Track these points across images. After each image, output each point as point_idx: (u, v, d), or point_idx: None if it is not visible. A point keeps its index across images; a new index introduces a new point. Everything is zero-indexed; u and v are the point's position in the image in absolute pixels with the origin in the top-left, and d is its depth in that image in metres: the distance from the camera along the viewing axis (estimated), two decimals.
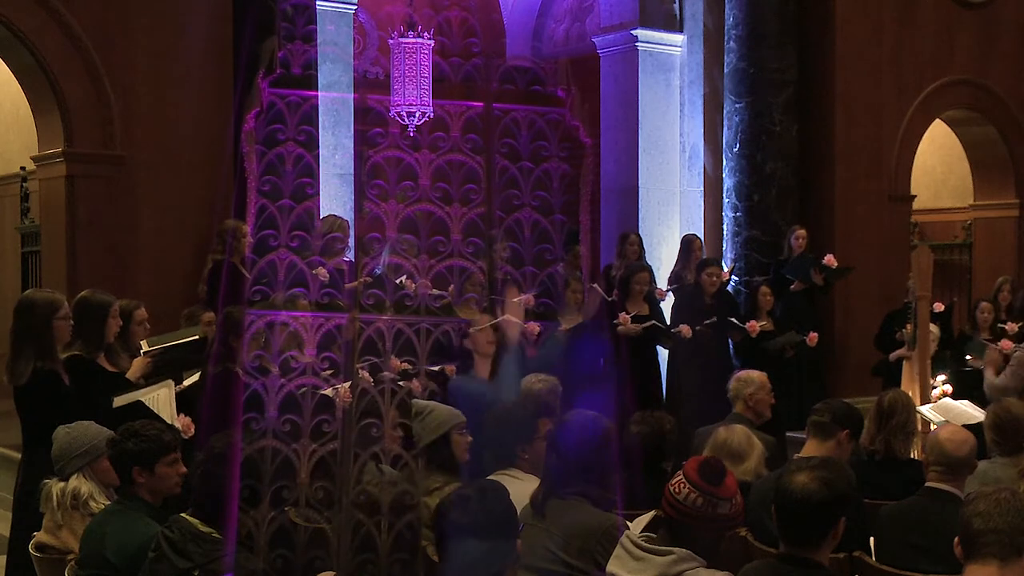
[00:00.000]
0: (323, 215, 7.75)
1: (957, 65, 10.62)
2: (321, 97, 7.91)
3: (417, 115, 8.34)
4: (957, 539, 2.91)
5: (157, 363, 5.50)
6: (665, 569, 3.05)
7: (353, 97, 8.33)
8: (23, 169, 10.28)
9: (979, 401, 6.65)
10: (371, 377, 6.14)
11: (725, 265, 9.09)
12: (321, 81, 7.92)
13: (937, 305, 8.19)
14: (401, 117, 8.47)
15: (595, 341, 7.57)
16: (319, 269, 6.42)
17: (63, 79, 7.50)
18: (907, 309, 7.73)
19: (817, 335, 8.53)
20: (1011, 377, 7.40)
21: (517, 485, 3.74)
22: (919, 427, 5.98)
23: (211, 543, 3.35)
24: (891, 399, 5.04)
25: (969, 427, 4.71)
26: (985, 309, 8.62)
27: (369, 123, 8.74)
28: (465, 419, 4.57)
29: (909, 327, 7.29)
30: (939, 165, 12.62)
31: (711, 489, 3.08)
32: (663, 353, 8.59)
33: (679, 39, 9.94)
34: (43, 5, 7.41)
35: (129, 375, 5.38)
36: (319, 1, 8.08)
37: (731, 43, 9.57)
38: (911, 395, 6.25)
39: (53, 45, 7.46)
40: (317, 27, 7.91)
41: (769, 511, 3.12)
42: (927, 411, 6.57)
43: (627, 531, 3.28)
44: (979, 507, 2.87)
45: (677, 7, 9.94)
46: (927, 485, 4.19)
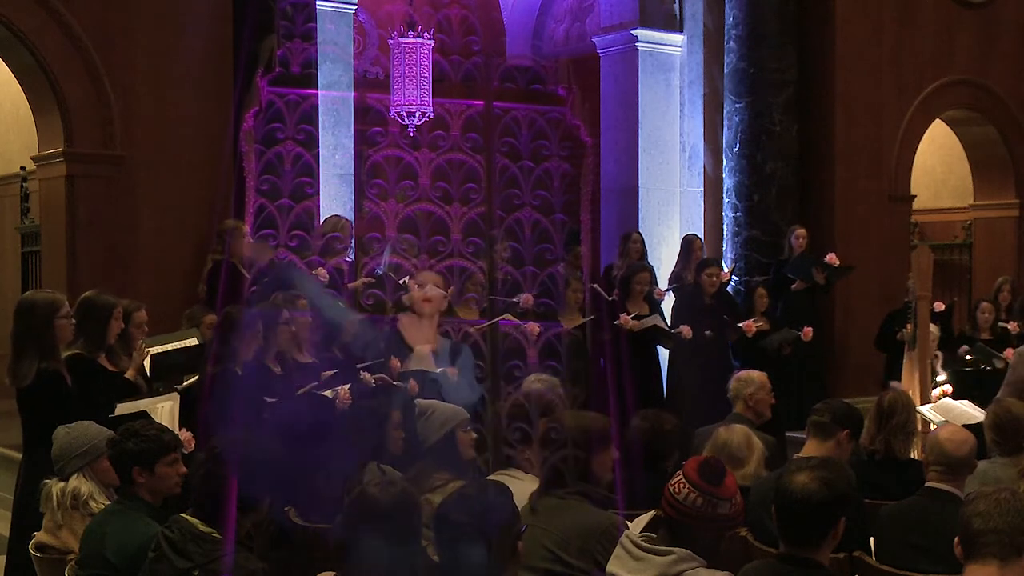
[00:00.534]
0: (324, 215, 7.74)
1: (957, 65, 10.61)
2: (321, 97, 7.89)
3: (417, 115, 8.33)
4: (957, 539, 2.91)
5: (157, 365, 5.50)
6: (665, 569, 3.05)
7: (353, 96, 8.32)
8: (23, 169, 10.27)
9: (979, 401, 6.64)
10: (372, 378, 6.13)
11: (725, 265, 9.09)
12: (321, 81, 7.91)
13: (937, 305, 8.18)
14: (401, 117, 8.46)
15: None
16: (319, 269, 6.42)
17: (63, 79, 7.50)
18: (907, 309, 7.73)
19: (811, 329, 8.54)
20: (1010, 377, 7.36)
21: (517, 485, 3.74)
22: (919, 427, 5.98)
23: (211, 543, 3.35)
24: (891, 399, 5.04)
25: (969, 427, 4.71)
26: (986, 309, 8.62)
27: (369, 123, 8.76)
28: (468, 416, 4.58)
29: (909, 327, 7.28)
30: (939, 165, 12.62)
31: (711, 489, 3.08)
32: (663, 353, 8.59)
33: (679, 39, 9.94)
34: (43, 5, 7.40)
35: (128, 374, 5.39)
36: (319, 1, 8.07)
37: (731, 43, 9.56)
38: (911, 395, 6.25)
39: (53, 45, 7.46)
40: (317, 27, 7.90)
41: (769, 511, 3.12)
42: (927, 411, 6.57)
43: (627, 531, 3.28)
44: (979, 507, 2.87)
45: (677, 7, 9.93)
46: (927, 485, 4.19)
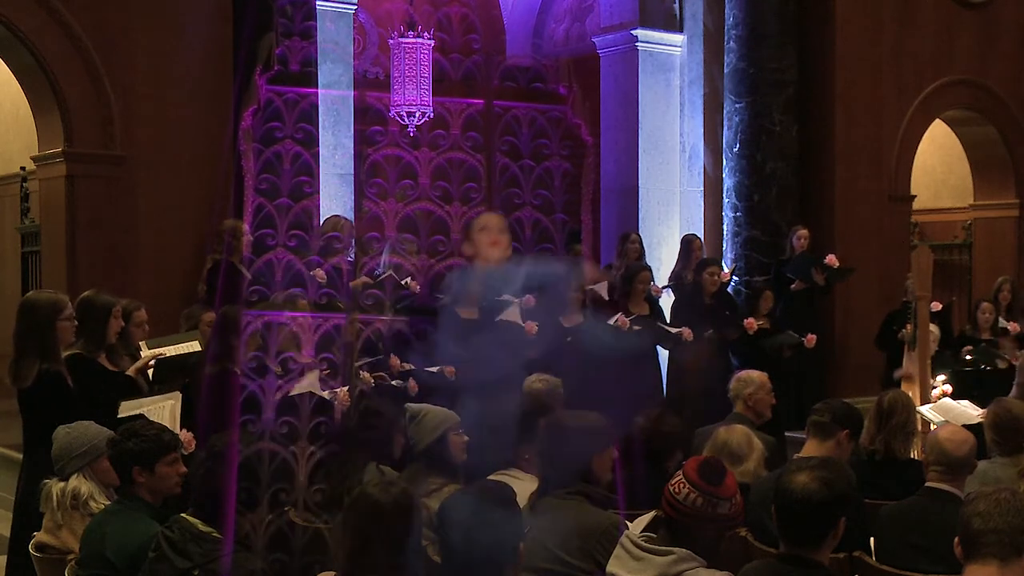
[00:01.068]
0: (324, 215, 7.73)
1: (957, 65, 10.61)
2: (321, 97, 7.89)
3: (417, 115, 8.33)
4: (957, 539, 2.91)
5: (159, 367, 5.50)
6: (665, 569, 3.05)
7: (353, 95, 8.31)
8: (23, 169, 10.27)
9: (979, 401, 6.63)
10: (371, 377, 6.10)
11: (725, 266, 9.08)
12: (321, 81, 7.91)
13: (934, 304, 8.17)
14: (401, 117, 8.46)
15: None
16: (316, 270, 6.41)
17: (63, 79, 7.50)
18: (906, 309, 7.72)
19: (815, 337, 8.47)
20: (1020, 378, 7.29)
21: (517, 485, 3.74)
22: (919, 427, 5.97)
23: (211, 543, 3.35)
24: (891, 399, 5.04)
25: (969, 427, 4.71)
26: (986, 310, 8.60)
27: (369, 123, 8.74)
28: (459, 419, 4.57)
29: (909, 327, 7.27)
30: (939, 165, 12.61)
31: (711, 489, 3.08)
32: (663, 353, 8.59)
33: (679, 39, 9.93)
34: (43, 5, 7.40)
35: (130, 371, 5.39)
36: (319, 1, 8.07)
37: (731, 43, 9.56)
38: (911, 395, 6.24)
39: (53, 45, 7.46)
40: (317, 26, 7.89)
41: (769, 511, 3.12)
42: (927, 411, 6.57)
43: (627, 531, 3.28)
44: (979, 507, 2.87)
45: (677, 7, 9.93)
46: (927, 485, 4.19)
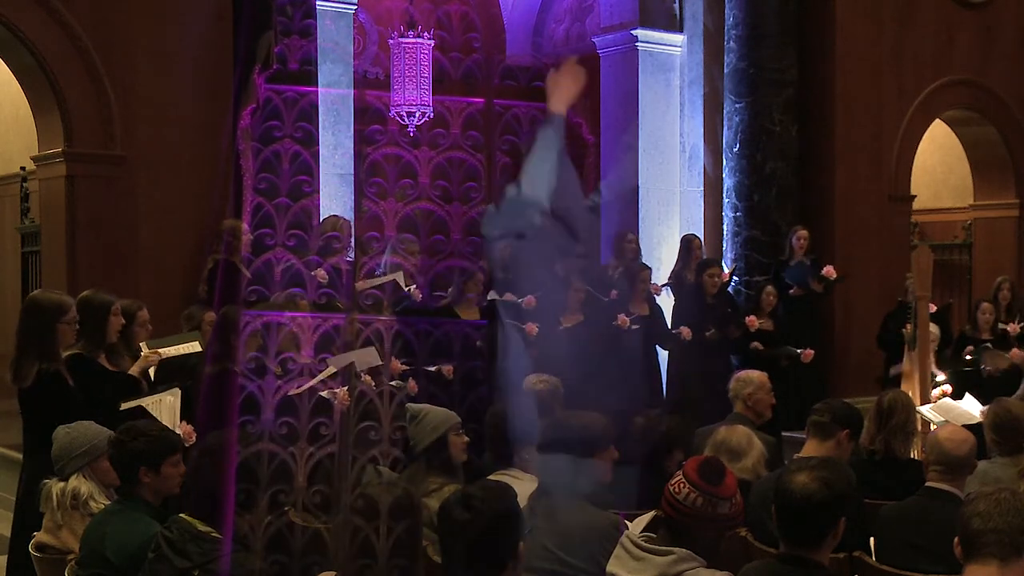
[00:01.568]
0: (323, 215, 7.73)
1: (957, 65, 10.61)
2: (321, 97, 7.88)
3: (417, 115, 8.33)
4: (957, 539, 2.91)
5: (161, 368, 5.50)
6: (665, 569, 3.05)
7: (352, 94, 8.30)
8: (23, 169, 10.27)
9: (979, 401, 6.63)
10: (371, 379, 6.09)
11: (725, 266, 9.07)
12: (321, 81, 7.91)
13: (931, 306, 8.15)
14: (401, 117, 8.46)
15: None
16: (318, 271, 6.41)
17: (63, 79, 7.49)
18: (905, 309, 7.72)
19: (812, 352, 8.44)
20: None
21: (517, 485, 3.73)
22: (919, 427, 5.97)
23: (210, 543, 3.35)
24: (891, 399, 5.04)
25: (969, 427, 4.71)
26: (986, 310, 8.59)
27: (368, 122, 8.72)
28: (460, 420, 4.58)
29: (909, 327, 7.26)
30: (939, 165, 12.61)
31: (711, 489, 3.08)
32: (663, 353, 8.58)
33: (679, 39, 9.93)
34: (43, 5, 7.40)
35: (134, 370, 5.39)
36: (319, 1, 8.06)
37: (731, 43, 9.56)
38: (911, 395, 6.24)
39: (53, 45, 7.45)
40: (317, 25, 7.89)
41: (769, 511, 3.12)
42: (927, 411, 6.57)
43: (627, 531, 3.28)
44: (979, 507, 2.87)
45: (677, 7, 9.93)
46: (927, 485, 4.19)
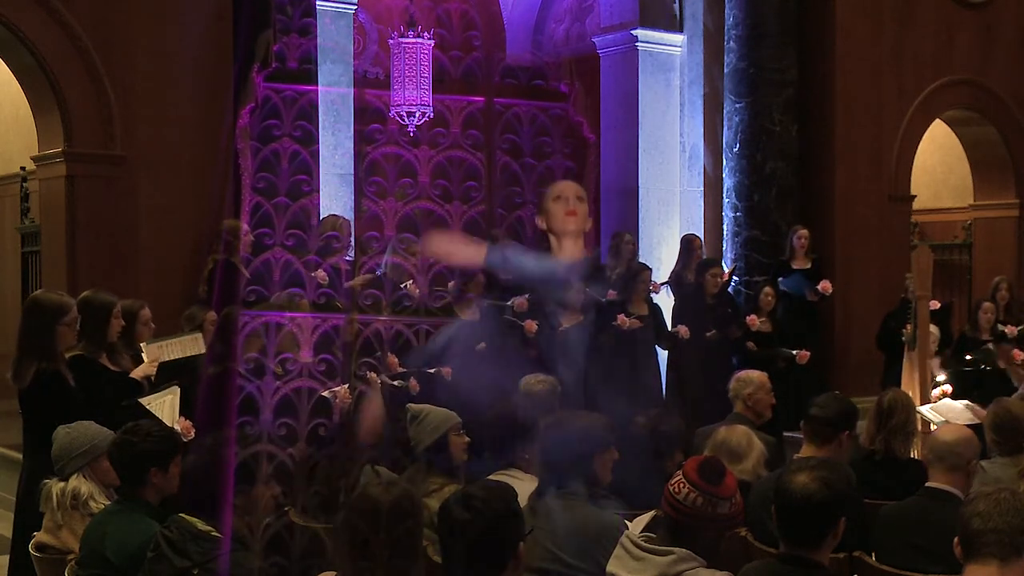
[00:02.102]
0: (323, 215, 7.72)
1: (957, 65, 10.61)
2: (321, 97, 7.88)
3: (417, 115, 8.33)
4: (957, 539, 2.91)
5: (161, 369, 5.51)
6: (665, 569, 3.04)
7: (352, 92, 8.30)
8: (23, 169, 10.27)
9: (979, 401, 6.63)
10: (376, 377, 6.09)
11: (725, 266, 9.08)
12: (321, 82, 7.90)
13: (932, 303, 8.15)
14: (401, 117, 8.45)
15: None
16: (318, 271, 6.41)
17: (63, 79, 7.49)
18: (905, 308, 7.72)
19: (808, 354, 8.46)
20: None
21: (517, 485, 3.74)
22: (919, 427, 5.97)
23: (210, 542, 3.34)
24: (891, 399, 5.03)
25: (969, 427, 4.70)
26: (988, 310, 8.59)
27: (368, 123, 8.70)
28: (460, 420, 4.58)
29: (909, 327, 7.26)
30: (939, 165, 12.61)
31: (711, 489, 3.08)
32: (663, 353, 8.58)
33: (679, 39, 9.93)
34: (43, 5, 7.40)
35: (134, 375, 5.39)
36: (319, 1, 8.06)
37: (731, 43, 9.56)
38: (911, 395, 6.24)
39: (53, 45, 7.45)
40: (317, 25, 7.88)
41: (769, 511, 3.12)
42: (927, 411, 6.57)
43: (627, 531, 3.28)
44: (979, 507, 2.87)
45: (677, 7, 9.92)
46: (927, 485, 4.18)
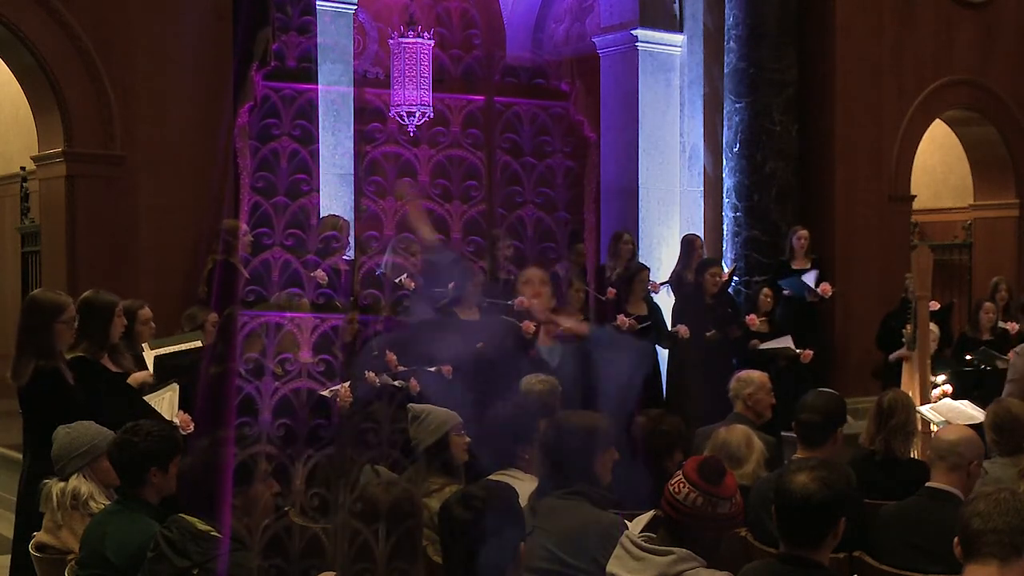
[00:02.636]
0: (323, 215, 7.72)
1: (957, 65, 10.61)
2: (321, 96, 7.87)
3: (417, 115, 8.33)
4: (957, 539, 2.91)
5: (160, 367, 5.50)
6: (665, 569, 3.04)
7: (352, 91, 8.30)
8: (23, 169, 10.27)
9: (979, 401, 6.63)
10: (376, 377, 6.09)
11: (725, 266, 9.07)
12: (321, 81, 7.90)
13: (932, 303, 8.15)
14: (401, 117, 8.45)
15: None
16: (317, 272, 6.40)
17: (63, 79, 7.49)
18: (905, 308, 7.72)
19: (811, 353, 8.41)
20: (1012, 375, 7.34)
21: (517, 485, 3.73)
22: (919, 427, 5.97)
23: (209, 542, 3.34)
24: (891, 399, 5.04)
25: (969, 427, 4.70)
26: (988, 310, 8.61)
27: (368, 122, 8.68)
28: (461, 420, 4.58)
29: (909, 327, 7.26)
30: (939, 165, 12.61)
31: (711, 489, 3.08)
32: (663, 353, 8.58)
33: (679, 39, 9.93)
34: (43, 5, 7.40)
35: (131, 380, 5.37)
36: (319, 1, 8.05)
37: (731, 43, 9.56)
38: (911, 395, 6.24)
39: (53, 45, 7.45)
40: (317, 24, 7.88)
41: (769, 511, 3.12)
42: (927, 411, 6.57)
43: (627, 531, 3.28)
44: (979, 507, 2.87)
45: (677, 7, 9.92)
46: (927, 485, 4.18)
